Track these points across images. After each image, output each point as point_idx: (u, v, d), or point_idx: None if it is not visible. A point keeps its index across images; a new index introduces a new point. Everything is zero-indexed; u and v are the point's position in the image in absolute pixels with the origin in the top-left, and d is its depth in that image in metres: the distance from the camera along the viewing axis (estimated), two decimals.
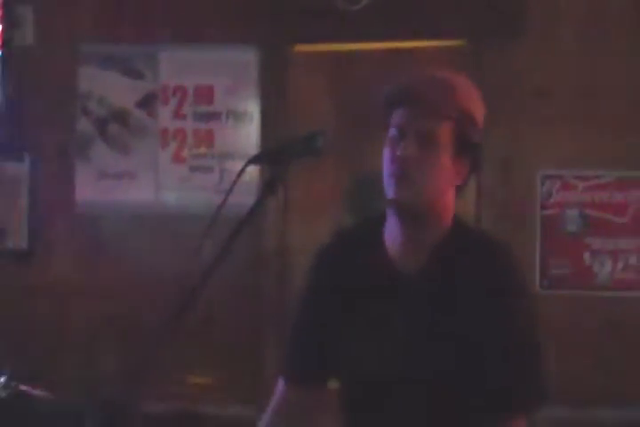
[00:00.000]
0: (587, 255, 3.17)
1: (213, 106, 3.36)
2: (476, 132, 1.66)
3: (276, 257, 3.47)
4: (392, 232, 1.68)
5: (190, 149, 3.38)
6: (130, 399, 2.60)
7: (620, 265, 3.19)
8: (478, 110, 1.66)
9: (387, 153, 1.59)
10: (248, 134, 3.35)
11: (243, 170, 1.61)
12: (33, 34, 3.43)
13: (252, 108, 3.36)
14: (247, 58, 3.34)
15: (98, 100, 3.38)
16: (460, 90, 1.68)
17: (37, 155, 3.49)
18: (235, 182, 1.58)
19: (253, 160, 1.70)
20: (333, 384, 1.84)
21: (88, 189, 3.42)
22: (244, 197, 1.61)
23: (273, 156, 1.68)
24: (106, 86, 3.38)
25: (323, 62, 3.32)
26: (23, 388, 2.99)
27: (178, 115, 3.37)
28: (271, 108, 3.34)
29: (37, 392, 3.01)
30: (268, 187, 1.63)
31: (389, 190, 1.58)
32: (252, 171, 1.75)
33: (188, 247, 2.94)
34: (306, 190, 3.17)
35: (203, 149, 3.36)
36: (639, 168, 3.23)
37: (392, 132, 1.59)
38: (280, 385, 1.77)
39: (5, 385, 3.07)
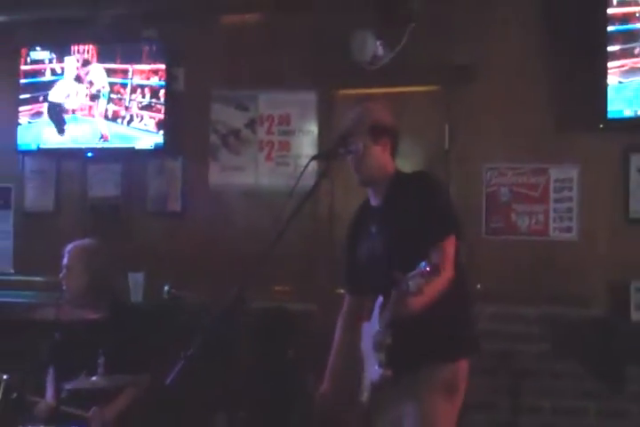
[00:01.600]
0: (513, 215, 3.81)
1: (290, 126, 4.12)
2: (383, 126, 2.57)
3: (327, 220, 4.06)
4: (369, 192, 2.62)
5: (276, 153, 4.14)
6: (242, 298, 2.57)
7: (533, 220, 3.78)
8: (379, 116, 2.60)
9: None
10: (310, 143, 4.09)
11: (307, 164, 2.60)
12: (183, 84, 4.26)
13: (313, 127, 4.09)
14: (310, 97, 4.08)
15: (222, 123, 4.20)
16: (362, 112, 2.62)
17: (186, 156, 4.28)
18: (302, 172, 2.57)
19: (314, 158, 2.75)
20: None
21: (216, 177, 4.21)
22: (308, 180, 2.58)
23: (324, 155, 2.79)
24: (226, 115, 4.19)
25: (354, 100, 3.75)
26: (177, 293, 4.04)
27: (269, 132, 4.15)
28: (323, 128, 4.04)
29: (186, 295, 4.01)
30: (322, 174, 2.72)
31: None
32: (313, 164, 2.66)
33: (275, 212, 3.34)
34: (345, 176, 3.08)
35: (284, 152, 4.13)
36: (543, 162, 3.77)
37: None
38: (346, 296, 2.65)
39: (167, 292, 4.06)
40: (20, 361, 3.69)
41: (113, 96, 4.26)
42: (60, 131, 4.36)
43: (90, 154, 4.34)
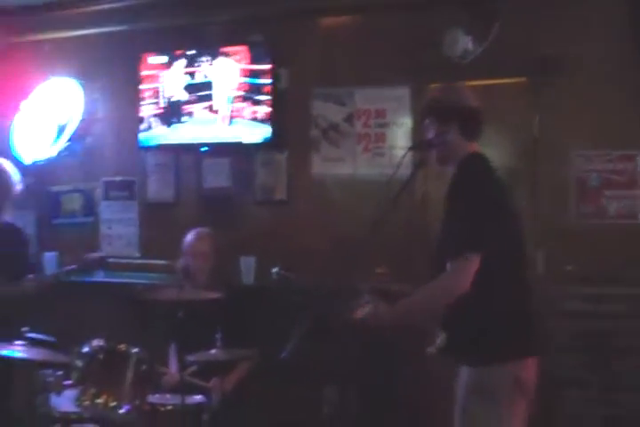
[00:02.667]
0: (603, 200, 3.82)
1: (385, 119, 4.18)
2: (448, 106, 2.50)
3: (420, 206, 4.10)
4: None
5: (372, 144, 4.20)
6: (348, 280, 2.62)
7: (622, 205, 3.79)
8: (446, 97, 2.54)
9: None
10: (404, 135, 4.14)
11: (405, 155, 2.71)
12: (287, 83, 4.36)
13: (407, 120, 4.14)
14: (404, 92, 4.13)
15: (322, 118, 4.30)
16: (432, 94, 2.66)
17: (291, 149, 4.39)
18: (401, 162, 2.67)
19: (410, 149, 2.93)
20: None
21: (318, 167, 4.33)
22: (405, 169, 2.72)
23: (419, 146, 2.87)
24: (326, 110, 4.29)
25: None
26: (285, 274, 4.12)
27: (366, 125, 4.22)
28: (417, 120, 3.97)
29: (294, 276, 4.09)
30: (419, 164, 2.78)
31: None
32: (409, 155, 2.81)
33: (372, 200, 3.84)
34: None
35: (379, 144, 4.18)
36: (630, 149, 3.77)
37: None
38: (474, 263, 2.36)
39: (276, 273, 4.16)
40: (147, 336, 3.92)
41: (223, 95, 4.43)
42: (175, 127, 4.55)
43: (204, 149, 4.53)
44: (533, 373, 2.47)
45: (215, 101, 4.45)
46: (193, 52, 4.50)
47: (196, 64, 4.50)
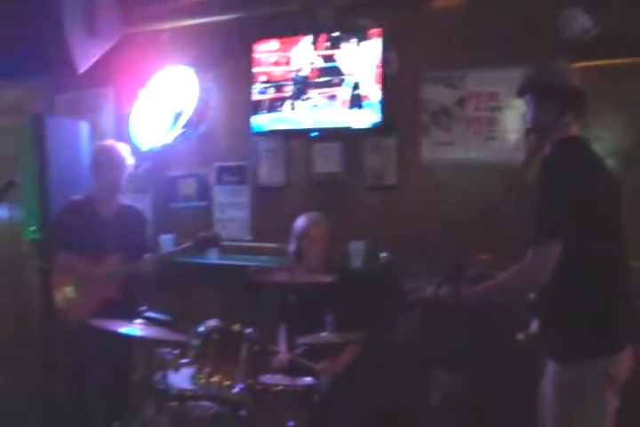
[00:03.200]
0: None
1: (498, 103, 4.06)
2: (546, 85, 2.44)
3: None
4: None
5: (484, 128, 4.10)
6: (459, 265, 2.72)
7: None
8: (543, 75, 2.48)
9: None
10: (517, 118, 3.97)
11: (523, 138, 2.83)
12: (397, 67, 4.29)
13: (520, 103, 3.50)
14: (517, 74, 3.43)
15: (432, 102, 4.22)
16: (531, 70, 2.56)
17: (400, 133, 4.32)
18: (520, 147, 2.83)
19: (528, 132, 2.70)
20: None
21: (428, 152, 4.25)
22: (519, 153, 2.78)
23: (533, 130, 2.65)
24: (436, 94, 4.20)
25: None
26: (393, 259, 4.12)
27: (477, 109, 4.11)
28: None
29: (402, 261, 4.06)
30: (535, 148, 2.60)
31: None
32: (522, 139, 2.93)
33: (485, 184, 3.88)
34: None
35: (492, 128, 4.07)
36: None
37: None
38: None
39: (384, 258, 4.15)
40: (258, 318, 3.97)
41: (333, 80, 4.40)
42: (286, 113, 4.55)
43: (314, 134, 4.51)
44: (625, 367, 2.37)
45: (327, 87, 4.42)
46: (305, 37, 4.48)
47: (308, 50, 4.48)
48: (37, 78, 5.46)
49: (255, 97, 4.64)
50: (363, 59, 4.30)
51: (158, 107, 5.06)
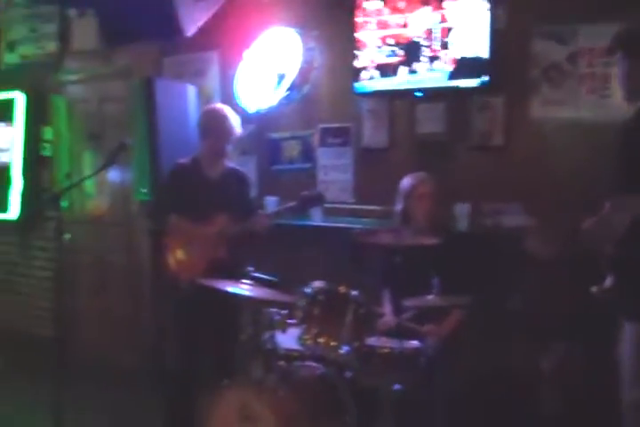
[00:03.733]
0: None
1: (613, 58, 3.39)
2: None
3: None
4: None
5: (598, 85, 3.88)
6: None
7: None
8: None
9: None
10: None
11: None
12: (505, 22, 4.09)
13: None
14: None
15: (542, 58, 4.00)
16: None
17: (508, 92, 4.14)
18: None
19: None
20: None
21: (537, 111, 4.04)
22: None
23: None
24: (547, 50, 4.00)
25: None
26: (499, 222, 4.01)
27: (591, 65, 3.90)
28: None
29: (508, 224, 3.98)
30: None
31: None
32: None
33: (598, 144, 3.68)
34: None
35: (606, 85, 3.84)
36: None
37: None
38: None
39: (488, 221, 4.07)
40: (363, 280, 3.94)
41: (440, 39, 4.24)
42: (390, 73, 4.41)
43: (418, 94, 4.39)
44: None
45: (434, 46, 4.28)
46: None
47: (415, 8, 4.32)
48: (146, 43, 5.52)
49: (359, 57, 4.53)
50: (470, 16, 4.12)
51: (262, 69, 5.03)
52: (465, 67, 4.16)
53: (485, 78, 4.10)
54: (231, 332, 3.88)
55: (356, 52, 4.52)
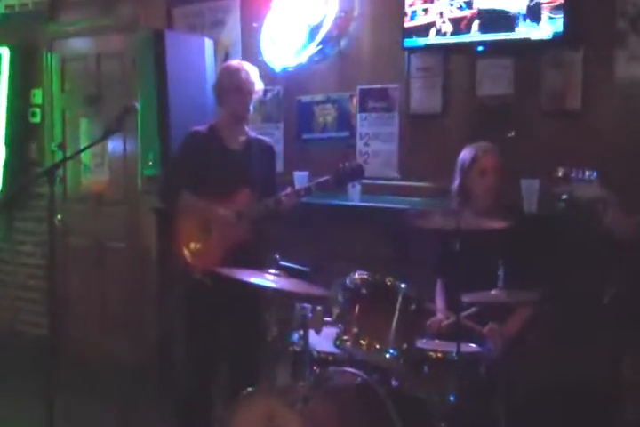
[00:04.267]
0: None
1: None
2: None
3: None
4: None
5: None
6: None
7: None
8: None
9: None
10: None
11: None
12: None
13: None
14: None
15: (631, 4, 3.94)
16: None
17: (588, 45, 4.07)
18: None
19: None
20: None
21: (623, 68, 3.99)
22: None
23: None
24: None
25: None
26: (572, 200, 3.67)
27: None
28: None
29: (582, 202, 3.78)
30: None
31: None
32: None
33: None
34: None
35: None
36: None
37: None
38: None
39: (562, 199, 3.72)
40: (411, 270, 3.92)
41: None
42: (445, 22, 4.36)
43: (480, 48, 4.32)
44: None
45: None
46: None
47: None
48: None
49: (408, 4, 4.47)
50: None
51: (292, 19, 4.99)
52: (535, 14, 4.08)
53: (560, 29, 4.01)
54: (255, 331, 3.89)
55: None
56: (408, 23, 4.48)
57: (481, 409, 3.31)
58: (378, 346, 3.20)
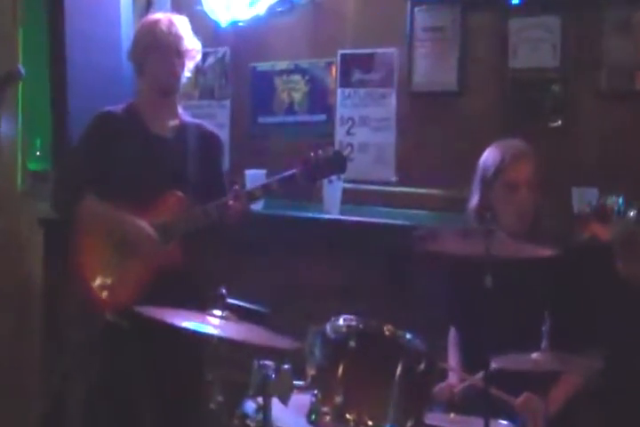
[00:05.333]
0: None
1: None
2: None
3: None
4: None
5: None
6: None
7: None
8: None
9: None
10: None
11: None
12: None
13: None
14: None
15: None
16: None
17: None
18: None
19: None
20: None
21: None
22: None
23: None
24: None
25: None
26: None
27: None
28: None
29: None
30: None
31: None
32: None
33: None
34: None
35: None
36: None
37: None
38: None
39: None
40: (415, 312, 4.06)
41: None
42: None
43: (515, 0, 4.38)
44: None
45: None
46: None
47: None
48: None
49: None
50: None
51: None
52: None
53: None
54: (191, 398, 3.89)
55: None
56: None
57: None
58: (371, 423, 3.14)
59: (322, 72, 5.01)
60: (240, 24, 5.09)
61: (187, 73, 4.18)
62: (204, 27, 4.68)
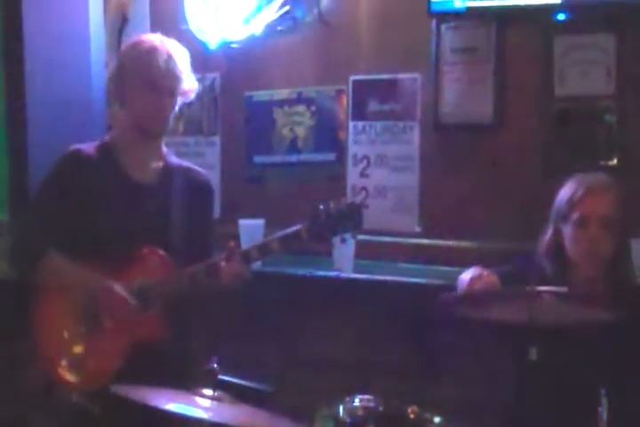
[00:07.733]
0: None
1: None
2: None
3: None
4: None
5: None
6: None
7: None
8: None
9: None
10: None
11: None
12: None
13: None
14: None
15: None
16: None
17: None
18: None
19: None
20: None
21: None
22: None
23: None
24: None
25: None
26: None
27: None
28: None
29: None
30: None
31: None
32: None
33: None
34: None
35: None
36: None
37: None
38: None
39: None
40: (444, 389, 4.10)
41: None
42: None
43: (561, 16, 4.41)
44: None
45: None
46: None
47: None
48: None
49: None
50: None
51: None
52: None
53: None
54: None
55: None
56: None
57: None
58: None
59: (330, 102, 5.06)
60: (233, 46, 5.16)
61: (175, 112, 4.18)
62: (190, 49, 4.65)
